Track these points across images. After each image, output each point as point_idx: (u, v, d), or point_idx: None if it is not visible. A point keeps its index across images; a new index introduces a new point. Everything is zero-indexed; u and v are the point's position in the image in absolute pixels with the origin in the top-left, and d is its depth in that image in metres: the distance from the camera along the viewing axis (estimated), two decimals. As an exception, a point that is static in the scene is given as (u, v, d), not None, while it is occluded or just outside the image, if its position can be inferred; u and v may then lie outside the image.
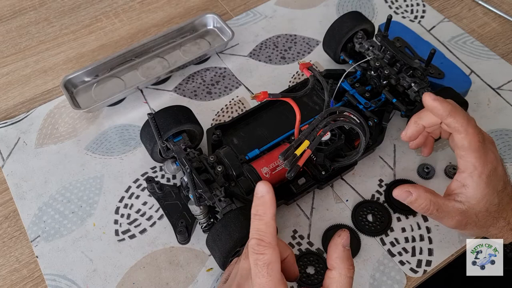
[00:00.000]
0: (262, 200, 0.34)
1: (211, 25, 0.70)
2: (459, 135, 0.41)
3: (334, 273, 0.34)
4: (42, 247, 0.51)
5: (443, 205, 0.41)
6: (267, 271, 0.33)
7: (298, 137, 0.47)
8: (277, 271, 0.33)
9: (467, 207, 0.41)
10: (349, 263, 0.34)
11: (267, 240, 0.33)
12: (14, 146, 0.59)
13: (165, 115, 0.51)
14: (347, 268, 0.34)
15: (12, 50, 0.70)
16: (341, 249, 0.34)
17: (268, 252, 0.33)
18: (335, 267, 0.34)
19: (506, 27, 0.69)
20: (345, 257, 0.34)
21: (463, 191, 0.41)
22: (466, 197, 0.41)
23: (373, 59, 0.56)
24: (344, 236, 0.35)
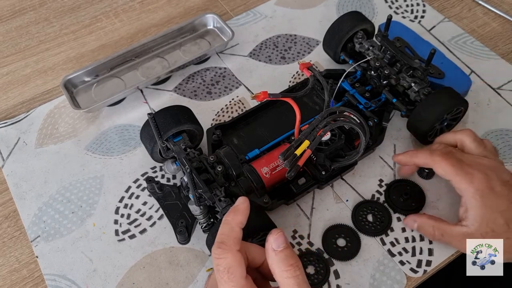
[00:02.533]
0: (234, 208, 0.36)
1: (211, 25, 0.70)
2: (434, 168, 0.44)
3: (277, 278, 0.34)
4: (42, 247, 0.51)
5: (447, 229, 0.43)
6: (228, 276, 0.32)
7: (298, 137, 0.47)
8: (239, 276, 0.32)
9: (472, 230, 0.42)
10: (286, 264, 0.33)
11: (228, 244, 0.33)
12: (14, 146, 0.59)
13: (165, 115, 0.51)
14: (283, 270, 0.33)
15: (12, 50, 0.70)
16: (272, 254, 0.34)
17: (228, 256, 0.33)
18: (274, 272, 0.34)
19: (506, 27, 0.69)
20: (278, 260, 0.34)
21: (467, 214, 0.42)
22: (469, 220, 0.42)
23: (373, 59, 0.56)
24: (271, 239, 0.34)
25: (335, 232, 0.50)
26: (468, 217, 0.42)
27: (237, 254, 0.33)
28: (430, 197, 0.52)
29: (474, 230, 0.42)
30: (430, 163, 0.45)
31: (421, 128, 0.52)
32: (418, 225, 0.46)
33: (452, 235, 0.43)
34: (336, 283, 0.47)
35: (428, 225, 0.45)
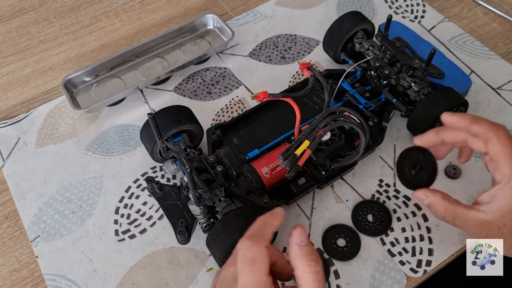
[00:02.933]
0: (272, 212, 0.36)
1: (211, 25, 0.70)
2: (491, 142, 0.38)
3: (297, 273, 0.34)
4: (42, 247, 0.51)
5: (461, 214, 0.40)
6: (252, 268, 0.33)
7: (298, 137, 0.47)
8: (262, 271, 0.33)
9: (490, 218, 0.39)
10: (308, 259, 0.34)
11: (258, 238, 0.34)
12: (14, 146, 0.59)
13: (165, 115, 0.51)
14: (305, 264, 0.33)
15: (12, 50, 0.70)
16: (296, 248, 0.34)
17: (256, 250, 0.33)
18: (295, 266, 0.34)
19: (506, 27, 0.69)
20: (301, 254, 0.34)
21: (491, 201, 0.39)
22: (492, 208, 0.39)
23: (373, 59, 0.56)
24: (295, 234, 0.34)
25: (335, 232, 0.50)
26: (492, 204, 0.38)
27: (264, 249, 0.33)
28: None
29: (493, 218, 0.38)
30: (490, 134, 0.38)
31: (421, 128, 0.52)
32: (429, 203, 0.41)
33: (466, 220, 0.39)
34: (336, 283, 0.47)
35: (441, 205, 0.40)
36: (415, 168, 0.42)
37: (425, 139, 0.42)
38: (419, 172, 0.42)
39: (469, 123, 0.40)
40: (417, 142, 0.43)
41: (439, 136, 0.42)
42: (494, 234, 0.39)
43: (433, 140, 0.42)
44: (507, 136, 0.38)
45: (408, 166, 0.42)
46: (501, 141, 0.38)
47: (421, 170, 0.42)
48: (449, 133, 0.41)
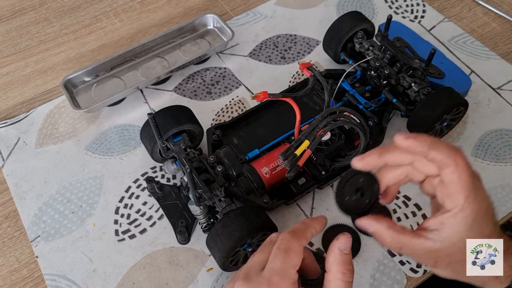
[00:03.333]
0: (317, 217, 0.38)
1: (211, 25, 0.70)
2: (447, 169, 0.34)
3: (330, 276, 0.35)
4: (42, 247, 0.51)
5: (408, 243, 0.36)
6: (284, 257, 0.34)
7: (298, 137, 0.47)
8: (292, 265, 0.34)
9: (438, 247, 0.36)
10: (345, 267, 0.34)
11: (297, 235, 0.35)
12: (14, 146, 0.59)
13: (165, 115, 0.51)
14: (341, 272, 0.34)
15: (12, 50, 0.70)
16: (337, 253, 0.35)
17: (293, 243, 0.35)
18: (330, 270, 0.35)
19: (506, 27, 0.69)
20: (340, 261, 0.35)
21: (440, 228, 0.36)
22: (440, 236, 0.35)
23: (373, 59, 0.56)
24: (342, 239, 0.35)
25: (335, 232, 0.50)
26: (440, 232, 0.35)
27: (301, 246, 0.35)
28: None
29: (441, 247, 0.35)
30: (448, 161, 0.34)
31: (421, 128, 0.52)
32: (374, 232, 0.37)
33: (413, 249, 0.36)
34: (336, 283, 0.47)
35: (386, 236, 0.37)
36: (356, 193, 0.37)
37: (366, 162, 0.37)
38: (361, 198, 0.38)
39: (427, 149, 0.35)
40: (358, 165, 0.37)
41: (382, 159, 0.37)
42: (442, 262, 0.37)
43: (374, 163, 0.37)
44: (464, 163, 0.34)
45: (349, 193, 0.37)
46: (459, 169, 0.34)
47: (363, 195, 0.38)
48: (393, 156, 0.37)
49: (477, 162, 0.55)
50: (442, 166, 0.35)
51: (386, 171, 0.38)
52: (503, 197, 0.52)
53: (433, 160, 0.35)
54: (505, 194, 0.53)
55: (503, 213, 0.51)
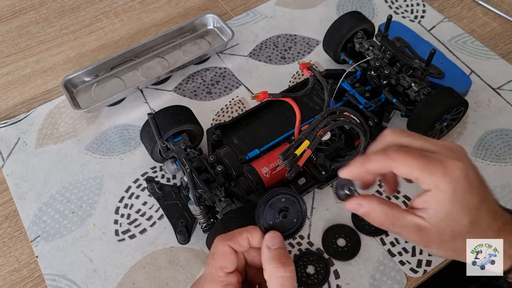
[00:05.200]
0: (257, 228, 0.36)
1: (211, 25, 0.70)
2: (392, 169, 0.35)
3: (266, 275, 0.34)
4: (42, 247, 0.51)
5: (400, 218, 0.36)
6: (210, 260, 0.35)
7: (298, 137, 0.47)
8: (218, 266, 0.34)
9: (428, 225, 0.35)
10: (276, 262, 0.34)
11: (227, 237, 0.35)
12: (14, 146, 0.59)
13: (165, 115, 0.51)
14: (273, 267, 0.34)
15: (12, 50, 0.70)
16: (265, 251, 0.35)
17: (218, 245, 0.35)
18: (264, 269, 0.34)
19: (506, 27, 0.69)
20: (270, 257, 0.34)
21: (425, 207, 0.36)
22: (428, 213, 0.35)
23: (373, 59, 0.56)
24: (266, 237, 0.35)
25: (335, 232, 0.50)
26: (428, 209, 0.35)
27: (226, 248, 0.35)
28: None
29: (430, 225, 0.35)
30: (387, 164, 0.36)
31: (421, 128, 0.52)
32: (366, 211, 0.37)
33: (405, 225, 0.36)
34: (336, 283, 0.47)
35: (379, 211, 0.36)
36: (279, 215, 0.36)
37: (350, 172, 0.37)
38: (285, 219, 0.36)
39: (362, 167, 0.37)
40: (344, 175, 0.38)
41: (364, 167, 0.37)
42: (434, 240, 0.36)
43: (358, 171, 0.37)
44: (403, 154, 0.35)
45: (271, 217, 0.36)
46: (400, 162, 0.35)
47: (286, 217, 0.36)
48: (374, 163, 0.36)
49: (477, 162, 0.55)
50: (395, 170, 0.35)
51: None
52: (503, 197, 0.52)
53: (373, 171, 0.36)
54: (505, 194, 0.53)
55: (503, 213, 0.51)
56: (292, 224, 0.37)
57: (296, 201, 0.36)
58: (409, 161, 0.35)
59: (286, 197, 0.36)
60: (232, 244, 0.35)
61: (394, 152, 0.36)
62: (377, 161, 0.36)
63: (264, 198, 0.35)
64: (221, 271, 0.35)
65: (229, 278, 0.35)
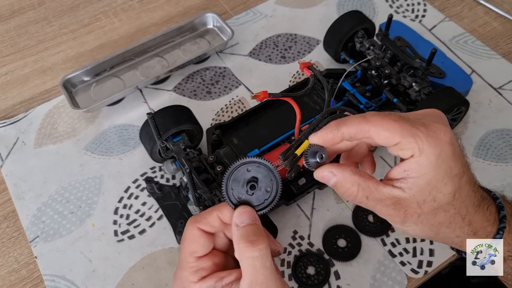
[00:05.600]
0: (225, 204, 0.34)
1: (210, 24, 0.69)
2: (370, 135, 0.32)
3: (236, 255, 0.31)
4: (41, 248, 0.50)
5: (375, 190, 0.32)
6: (180, 246, 0.34)
7: (299, 137, 0.46)
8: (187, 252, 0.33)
9: (407, 195, 0.32)
10: (244, 240, 0.30)
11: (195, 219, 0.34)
12: (13, 146, 0.58)
13: (164, 115, 0.51)
14: (242, 247, 0.30)
15: (11, 49, 0.69)
16: (234, 230, 0.31)
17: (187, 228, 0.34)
18: (235, 248, 0.31)
19: (507, 26, 0.69)
20: (238, 236, 0.31)
21: (405, 176, 0.32)
22: (407, 183, 0.32)
23: (374, 58, 0.56)
24: (235, 214, 0.32)
25: (335, 233, 0.50)
26: (407, 178, 0.32)
27: (194, 229, 0.33)
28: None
29: (409, 195, 0.31)
30: (365, 127, 0.32)
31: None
32: (337, 182, 0.33)
33: (380, 198, 0.32)
34: (337, 283, 0.47)
35: (352, 182, 0.32)
36: (247, 186, 0.32)
37: (323, 136, 0.34)
38: (255, 189, 0.33)
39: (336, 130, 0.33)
40: (315, 140, 0.34)
41: (340, 131, 0.33)
42: (413, 213, 0.32)
43: (331, 136, 0.33)
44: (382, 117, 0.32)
45: (239, 190, 0.32)
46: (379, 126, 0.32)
47: (256, 186, 0.32)
48: (350, 127, 0.33)
49: (478, 162, 0.55)
50: None
51: None
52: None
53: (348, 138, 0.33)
54: (506, 194, 0.52)
55: (504, 213, 0.51)
56: (267, 194, 0.33)
57: (265, 168, 0.32)
58: (389, 123, 0.31)
59: (252, 167, 0.32)
60: (201, 225, 0.33)
61: (373, 115, 0.32)
62: (354, 124, 0.32)
63: (226, 172, 0.32)
64: (190, 256, 0.32)
65: (200, 263, 0.32)
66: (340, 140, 0.33)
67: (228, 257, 0.35)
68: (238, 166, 0.32)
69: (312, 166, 0.33)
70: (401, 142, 0.31)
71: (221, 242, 0.34)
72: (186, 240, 0.33)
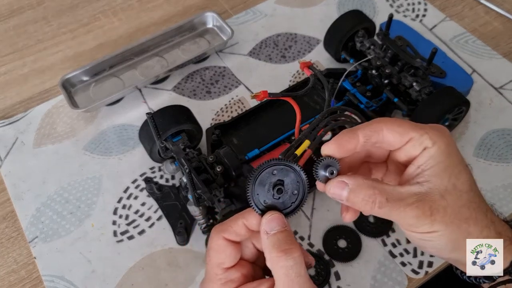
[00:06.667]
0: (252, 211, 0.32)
1: (210, 23, 0.69)
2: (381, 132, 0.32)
3: (268, 264, 0.30)
4: (40, 248, 0.50)
5: (393, 190, 0.31)
6: (206, 256, 0.32)
7: (299, 137, 0.46)
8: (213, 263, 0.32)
9: (428, 188, 0.31)
10: (277, 250, 0.29)
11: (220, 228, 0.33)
12: (12, 146, 0.58)
13: (164, 114, 0.51)
14: (274, 257, 0.29)
15: (10, 49, 0.69)
16: (264, 238, 0.30)
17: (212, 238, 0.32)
18: (266, 259, 0.30)
19: (508, 26, 0.69)
20: (269, 245, 0.30)
21: (420, 171, 0.32)
22: (423, 177, 0.31)
23: (374, 58, 0.55)
24: (263, 221, 0.30)
25: (336, 233, 0.50)
26: (423, 172, 0.31)
27: (219, 239, 0.32)
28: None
29: (429, 187, 0.31)
30: (379, 128, 0.32)
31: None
32: (351, 190, 0.31)
33: (399, 198, 0.30)
34: (337, 284, 0.47)
35: (367, 186, 0.30)
36: (274, 190, 0.31)
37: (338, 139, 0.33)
38: (282, 193, 0.31)
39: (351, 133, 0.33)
40: (328, 150, 0.33)
41: (355, 134, 0.33)
42: (438, 207, 0.31)
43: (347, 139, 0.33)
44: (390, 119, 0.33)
45: (265, 195, 0.31)
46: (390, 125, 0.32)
47: (283, 189, 0.32)
48: (365, 129, 0.33)
49: (479, 162, 0.55)
50: None
51: None
52: (506, 197, 0.52)
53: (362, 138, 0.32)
54: (507, 194, 0.52)
55: (505, 213, 0.51)
56: (294, 197, 0.32)
57: (291, 170, 0.31)
58: (400, 122, 0.32)
59: (277, 168, 0.31)
60: (226, 235, 0.31)
61: (383, 118, 0.33)
62: (367, 126, 0.32)
63: (251, 176, 0.30)
64: (218, 268, 0.31)
65: (228, 274, 0.31)
66: (355, 145, 0.32)
67: (255, 267, 0.34)
68: (263, 169, 0.30)
69: (321, 179, 0.32)
70: (414, 137, 0.31)
71: (248, 252, 0.33)
72: (212, 250, 0.32)
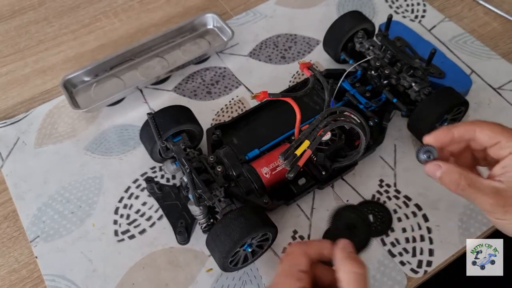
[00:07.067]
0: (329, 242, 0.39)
1: (210, 24, 0.69)
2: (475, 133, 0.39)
3: (340, 275, 0.36)
4: (42, 248, 0.50)
5: (476, 180, 0.38)
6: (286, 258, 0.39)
7: (298, 137, 0.47)
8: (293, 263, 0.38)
9: (506, 186, 0.37)
10: (352, 260, 0.36)
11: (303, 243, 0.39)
12: (13, 146, 0.58)
13: (164, 115, 0.51)
14: (348, 264, 0.36)
15: (11, 50, 0.69)
16: (339, 252, 0.37)
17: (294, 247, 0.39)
18: (338, 269, 0.36)
19: (506, 26, 0.69)
20: (344, 256, 0.37)
21: (504, 172, 0.38)
22: (506, 177, 0.37)
23: (374, 58, 0.56)
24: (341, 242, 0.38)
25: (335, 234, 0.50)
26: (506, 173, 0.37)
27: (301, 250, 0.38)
28: (431, 196, 0.52)
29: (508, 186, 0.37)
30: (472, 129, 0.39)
31: (422, 128, 0.52)
32: (443, 172, 0.38)
33: (480, 188, 0.37)
34: (336, 283, 0.47)
35: (455, 171, 0.38)
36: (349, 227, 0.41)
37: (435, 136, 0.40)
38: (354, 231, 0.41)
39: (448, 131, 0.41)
40: (428, 140, 0.41)
41: (450, 131, 0.40)
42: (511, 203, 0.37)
43: (444, 134, 0.40)
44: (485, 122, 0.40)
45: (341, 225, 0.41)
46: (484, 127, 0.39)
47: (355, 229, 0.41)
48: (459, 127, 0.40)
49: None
50: None
51: None
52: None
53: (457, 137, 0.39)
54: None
55: None
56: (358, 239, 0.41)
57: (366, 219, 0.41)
58: (492, 125, 0.39)
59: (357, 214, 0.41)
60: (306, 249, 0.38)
61: (478, 121, 0.40)
62: (462, 126, 0.39)
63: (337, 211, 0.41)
64: (295, 267, 0.37)
65: (302, 275, 0.37)
66: (450, 139, 0.40)
67: None
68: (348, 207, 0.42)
69: (421, 161, 0.40)
70: (501, 142, 0.38)
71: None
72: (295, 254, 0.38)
